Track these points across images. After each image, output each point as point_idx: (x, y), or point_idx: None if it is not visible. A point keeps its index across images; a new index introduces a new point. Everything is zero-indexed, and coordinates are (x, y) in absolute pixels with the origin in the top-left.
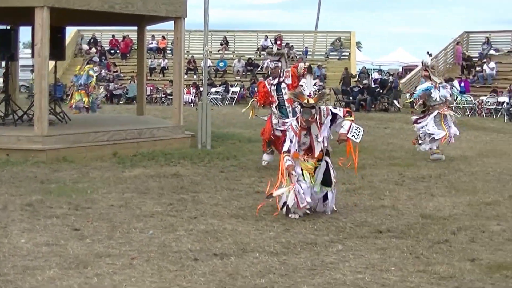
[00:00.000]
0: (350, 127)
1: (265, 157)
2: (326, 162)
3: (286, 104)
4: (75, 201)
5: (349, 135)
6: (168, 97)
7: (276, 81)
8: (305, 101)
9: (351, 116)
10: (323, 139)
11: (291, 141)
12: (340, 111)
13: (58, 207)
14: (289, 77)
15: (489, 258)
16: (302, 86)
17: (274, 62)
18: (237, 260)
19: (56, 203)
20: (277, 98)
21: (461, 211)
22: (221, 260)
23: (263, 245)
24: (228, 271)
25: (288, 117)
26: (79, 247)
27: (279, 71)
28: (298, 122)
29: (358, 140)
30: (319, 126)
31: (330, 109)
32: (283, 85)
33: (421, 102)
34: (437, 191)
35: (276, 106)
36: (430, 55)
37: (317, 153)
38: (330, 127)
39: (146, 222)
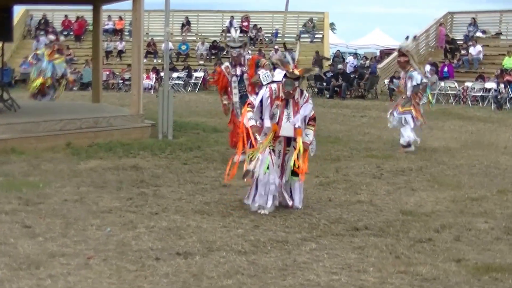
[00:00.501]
0: (312, 139)
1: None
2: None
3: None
4: (25, 196)
5: (310, 147)
6: (126, 83)
7: (239, 71)
8: (290, 70)
9: (315, 124)
10: (296, 121)
11: (261, 101)
12: (311, 111)
13: (7, 202)
14: (248, 65)
15: (476, 258)
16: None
17: (237, 49)
18: (202, 259)
19: (5, 198)
20: (240, 91)
21: (444, 207)
22: (185, 260)
23: (230, 243)
24: (192, 271)
25: None
26: (30, 246)
27: (242, 59)
28: (278, 89)
29: (312, 154)
30: (296, 106)
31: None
32: (245, 75)
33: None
34: (418, 185)
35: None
36: (409, 38)
37: (282, 133)
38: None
39: (103, 219)
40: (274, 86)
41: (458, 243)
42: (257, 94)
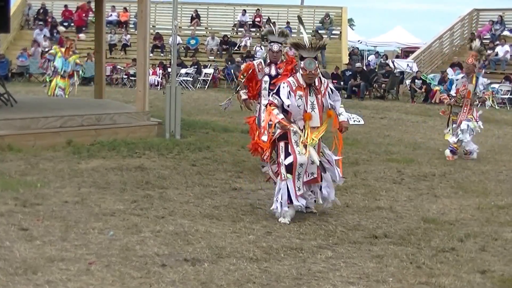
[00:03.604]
0: (348, 116)
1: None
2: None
3: None
4: (22, 196)
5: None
6: (131, 78)
7: (274, 70)
8: (308, 48)
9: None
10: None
11: (278, 94)
12: (336, 92)
13: (3, 203)
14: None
15: (503, 269)
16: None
17: (278, 44)
18: (211, 266)
19: (0, 198)
20: (269, 93)
21: (469, 216)
22: (193, 267)
23: (241, 250)
24: (200, 279)
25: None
26: (27, 250)
27: (281, 56)
28: (296, 79)
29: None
30: (319, 93)
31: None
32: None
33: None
34: (441, 191)
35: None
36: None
37: (311, 124)
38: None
39: (106, 222)
40: (290, 79)
41: (483, 254)
42: (276, 92)
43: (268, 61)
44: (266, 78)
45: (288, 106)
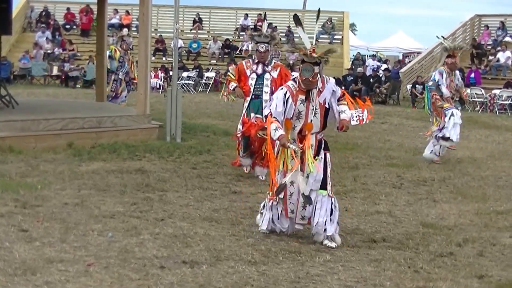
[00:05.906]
0: (351, 113)
1: (245, 161)
2: (325, 155)
3: (264, 98)
4: (22, 197)
5: (353, 122)
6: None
7: (260, 69)
8: (307, 53)
9: (345, 98)
10: (323, 114)
11: (280, 104)
12: (338, 89)
13: (3, 204)
14: (276, 70)
15: (500, 275)
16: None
17: (265, 44)
18: (210, 269)
19: (1, 200)
20: (254, 89)
21: (468, 221)
22: (191, 269)
23: (239, 252)
24: (199, 281)
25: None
26: (26, 251)
27: (268, 56)
28: (296, 83)
29: (362, 122)
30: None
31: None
32: (267, 75)
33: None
34: (440, 196)
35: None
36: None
37: (314, 130)
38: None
39: (105, 224)
40: (290, 82)
41: (481, 259)
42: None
43: (256, 60)
44: (254, 76)
45: (285, 112)
